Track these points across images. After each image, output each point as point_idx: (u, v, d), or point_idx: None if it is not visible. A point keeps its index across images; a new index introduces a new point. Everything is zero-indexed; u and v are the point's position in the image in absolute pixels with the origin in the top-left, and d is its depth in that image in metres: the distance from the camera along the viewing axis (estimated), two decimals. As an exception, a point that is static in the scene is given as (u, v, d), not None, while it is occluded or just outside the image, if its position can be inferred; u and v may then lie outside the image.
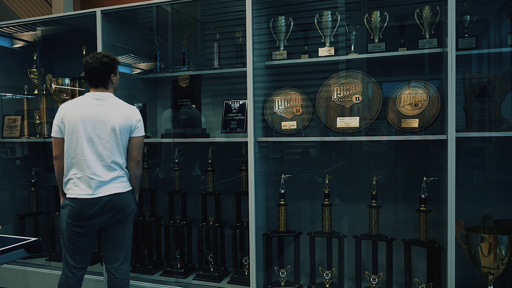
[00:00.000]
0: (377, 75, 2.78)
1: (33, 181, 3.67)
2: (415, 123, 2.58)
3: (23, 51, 3.93)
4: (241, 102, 3.05)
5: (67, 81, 3.44)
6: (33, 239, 2.18)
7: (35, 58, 3.65)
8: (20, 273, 3.38)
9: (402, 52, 2.63)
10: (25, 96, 3.74)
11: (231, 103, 3.08)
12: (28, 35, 3.80)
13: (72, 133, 2.35)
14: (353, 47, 2.79)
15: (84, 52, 3.44)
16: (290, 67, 3.08)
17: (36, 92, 3.66)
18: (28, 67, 3.68)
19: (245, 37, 2.78)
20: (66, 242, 2.39)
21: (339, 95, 2.78)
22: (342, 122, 2.73)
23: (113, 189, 2.35)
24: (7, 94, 3.98)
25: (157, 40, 3.42)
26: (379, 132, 2.81)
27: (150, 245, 3.28)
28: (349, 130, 2.71)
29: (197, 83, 3.20)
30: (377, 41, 2.74)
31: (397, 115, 2.66)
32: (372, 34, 2.75)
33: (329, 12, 2.83)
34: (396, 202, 3.04)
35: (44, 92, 3.62)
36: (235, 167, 3.22)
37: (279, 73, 3.15)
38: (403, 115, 2.64)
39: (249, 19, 2.71)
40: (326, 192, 2.79)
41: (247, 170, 2.80)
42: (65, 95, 3.41)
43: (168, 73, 3.36)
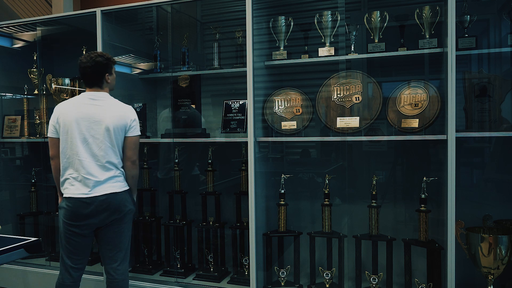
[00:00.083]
0: (377, 75, 2.78)
1: (33, 181, 3.67)
2: (415, 123, 2.58)
3: (23, 51, 3.93)
4: (241, 102, 3.05)
5: (67, 81, 3.44)
6: (33, 239, 2.18)
7: (35, 58, 3.65)
8: (20, 273, 3.38)
9: (402, 52, 2.63)
10: (25, 96, 3.74)
11: (231, 103, 3.08)
12: (28, 35, 3.80)
13: (67, 133, 2.35)
14: (353, 47, 2.79)
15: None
16: (290, 67, 3.08)
17: (36, 92, 3.66)
18: (28, 67, 3.68)
19: (245, 37, 2.78)
20: (63, 242, 2.39)
21: (339, 95, 2.78)
22: (342, 122, 2.73)
23: (108, 188, 2.35)
24: (7, 94, 3.98)
25: (157, 40, 3.42)
26: (379, 132, 2.81)
27: (150, 245, 3.28)
28: (349, 130, 2.71)
29: (197, 83, 3.20)
30: (377, 41, 2.74)
31: (397, 115, 2.66)
32: (372, 34, 2.75)
33: (329, 12, 2.83)
34: (396, 202, 3.04)
35: (44, 92, 3.62)
36: (235, 167, 3.22)
37: (279, 73, 3.15)
38: (403, 115, 2.64)
39: (249, 19, 2.71)
40: (326, 192, 2.79)
41: (247, 170, 2.80)
42: (65, 95, 3.41)
43: (168, 73, 3.36)
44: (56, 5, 4.86)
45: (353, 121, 2.71)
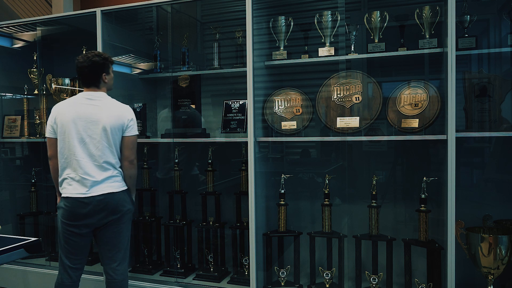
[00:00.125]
0: (377, 75, 2.78)
1: (33, 181, 3.67)
2: (415, 123, 2.58)
3: (23, 51, 3.93)
4: (241, 102, 3.05)
5: (67, 81, 3.44)
6: (33, 239, 2.18)
7: (35, 58, 3.65)
8: (20, 273, 3.38)
9: (402, 52, 2.63)
10: (25, 96, 3.74)
11: (231, 103, 3.08)
12: (28, 35, 3.80)
13: (64, 133, 2.35)
14: (353, 47, 2.79)
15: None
16: (290, 67, 3.08)
17: (36, 92, 3.66)
18: (28, 67, 3.68)
19: (245, 37, 2.78)
20: (62, 242, 2.39)
21: (339, 95, 2.78)
22: (342, 122, 2.73)
23: (106, 188, 2.34)
24: (7, 94, 3.98)
25: (157, 40, 3.42)
26: (379, 132, 2.81)
27: (150, 245, 3.28)
28: (349, 130, 2.71)
29: (197, 83, 3.20)
30: (377, 41, 2.74)
31: (397, 115, 2.66)
32: (372, 34, 2.75)
33: (329, 12, 2.83)
34: (396, 202, 3.04)
35: (44, 92, 3.62)
36: (235, 167, 3.22)
37: (279, 73, 3.15)
38: (403, 115, 2.64)
39: (249, 19, 2.71)
40: (326, 192, 2.79)
41: (247, 170, 2.80)
42: (65, 95, 3.41)
43: (168, 73, 3.36)
44: (56, 5, 4.86)
45: (353, 121, 2.71)
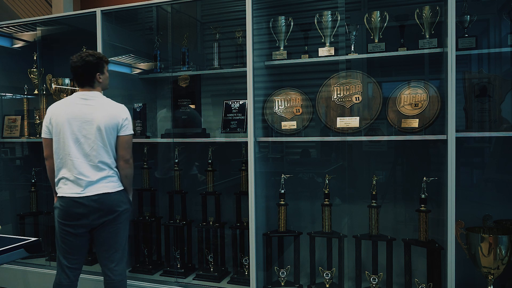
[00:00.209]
0: (377, 75, 2.78)
1: (33, 181, 3.67)
2: (415, 123, 2.58)
3: (23, 51, 3.93)
4: (241, 102, 3.05)
5: (67, 81, 3.44)
6: (33, 239, 2.18)
7: (35, 58, 3.65)
8: (20, 273, 3.38)
9: (402, 52, 2.63)
10: (25, 96, 3.74)
11: (231, 103, 3.08)
12: (28, 35, 3.80)
13: (59, 133, 2.35)
14: (353, 47, 2.79)
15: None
16: (290, 67, 3.08)
17: (36, 92, 3.66)
18: (28, 67, 3.68)
19: (245, 37, 2.78)
20: (59, 242, 2.39)
21: (339, 95, 2.78)
22: (342, 122, 2.73)
23: (101, 188, 2.33)
24: (7, 94, 3.97)
25: (157, 40, 3.42)
26: (379, 132, 2.81)
27: (150, 245, 3.28)
28: (349, 130, 2.71)
29: (197, 83, 3.20)
30: (377, 41, 2.73)
31: (397, 115, 2.66)
32: (372, 34, 2.75)
33: (329, 12, 2.83)
34: (396, 202, 3.04)
35: (44, 92, 3.62)
36: (235, 167, 3.22)
37: (279, 73, 3.15)
38: (403, 115, 2.64)
39: (249, 19, 2.71)
40: (326, 192, 2.79)
41: (247, 170, 2.80)
42: (65, 95, 3.40)
43: (168, 73, 3.36)
44: (56, 5, 4.86)
45: (353, 121, 2.71)
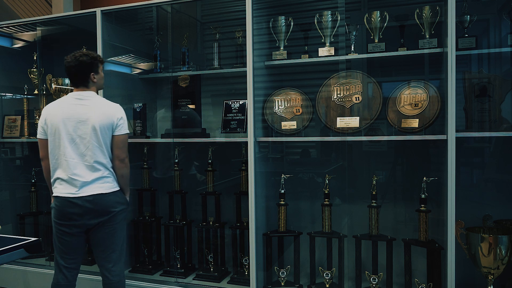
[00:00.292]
0: (377, 75, 2.78)
1: (33, 181, 3.67)
2: (415, 123, 2.58)
3: (23, 51, 3.93)
4: (241, 102, 3.05)
5: (67, 81, 3.44)
6: (33, 239, 2.19)
7: (35, 58, 3.65)
8: (20, 273, 3.38)
9: (402, 52, 2.63)
10: (25, 96, 3.74)
11: (231, 103, 3.08)
12: (28, 35, 3.80)
13: (54, 134, 2.35)
14: (353, 47, 2.79)
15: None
16: (290, 67, 3.08)
17: (36, 92, 3.66)
18: (28, 67, 3.67)
19: (245, 37, 2.78)
20: (56, 242, 2.39)
21: (339, 95, 2.78)
22: (342, 122, 2.73)
23: (96, 189, 2.32)
24: (7, 94, 3.97)
25: (157, 40, 3.42)
26: (379, 132, 2.81)
27: (150, 245, 3.28)
28: (349, 130, 2.71)
29: (197, 83, 3.20)
30: (377, 41, 2.73)
31: (397, 115, 2.66)
32: (372, 34, 2.75)
33: (329, 12, 2.83)
34: (396, 202, 3.04)
35: (44, 92, 3.62)
36: (235, 167, 3.22)
37: (279, 73, 3.15)
38: (403, 115, 2.64)
39: (249, 19, 2.71)
40: (326, 192, 2.79)
41: (247, 170, 2.80)
42: (64, 95, 3.39)
43: (168, 73, 3.36)
44: (56, 5, 4.86)
45: (353, 121, 2.71)
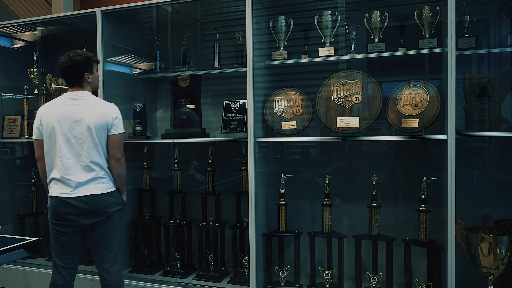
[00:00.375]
0: (377, 75, 2.78)
1: (33, 181, 3.67)
2: (415, 123, 2.58)
3: (23, 51, 3.93)
4: (241, 102, 3.05)
5: (67, 81, 3.44)
6: (33, 239, 2.19)
7: (35, 58, 3.65)
8: (20, 273, 3.38)
9: (402, 52, 2.63)
10: (25, 96, 3.74)
11: (231, 103, 3.08)
12: (28, 35, 3.80)
13: (49, 134, 2.34)
14: (353, 47, 2.79)
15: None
16: (290, 67, 3.08)
17: (36, 92, 3.66)
18: (28, 67, 3.67)
19: (245, 37, 2.78)
20: (52, 242, 2.39)
21: (339, 95, 2.78)
22: (342, 122, 2.73)
23: (91, 190, 2.32)
24: (7, 94, 3.97)
25: (157, 40, 3.42)
26: (379, 132, 2.81)
27: (150, 245, 3.28)
28: (349, 130, 2.71)
29: (197, 83, 3.20)
30: (377, 41, 2.73)
31: (397, 115, 2.66)
32: (372, 34, 2.75)
33: (329, 12, 2.83)
34: (396, 202, 3.04)
35: (44, 92, 3.62)
36: (235, 167, 3.22)
37: (279, 73, 3.15)
38: (403, 115, 2.64)
39: (249, 19, 2.71)
40: (326, 192, 2.79)
41: (247, 170, 2.80)
42: (65, 95, 3.40)
43: (168, 73, 3.36)
44: (56, 5, 4.86)
45: (353, 121, 2.71)
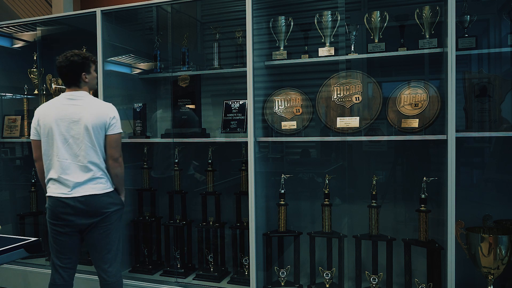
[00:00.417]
0: (377, 75, 2.78)
1: (33, 181, 3.67)
2: (415, 123, 2.58)
3: (23, 51, 3.93)
4: (241, 102, 3.05)
5: (67, 81, 3.44)
6: (33, 239, 2.18)
7: (35, 58, 3.65)
8: (20, 273, 3.38)
9: (402, 52, 2.63)
10: (25, 96, 3.74)
11: (231, 103, 3.08)
12: (28, 35, 3.80)
13: (47, 135, 2.34)
14: (353, 47, 2.79)
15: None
16: (290, 67, 3.08)
17: (36, 92, 3.66)
18: (28, 67, 3.67)
19: (245, 37, 2.78)
20: (51, 242, 2.39)
21: (339, 95, 2.78)
22: (342, 122, 2.73)
23: (89, 190, 2.31)
24: (7, 94, 3.98)
25: (157, 40, 3.42)
26: (379, 132, 2.81)
27: (150, 245, 3.28)
28: (349, 130, 2.71)
29: (197, 83, 3.20)
30: (377, 41, 2.73)
31: (397, 115, 2.66)
32: (372, 34, 2.75)
33: (329, 12, 2.83)
34: (396, 202, 3.04)
35: (44, 92, 3.62)
36: (235, 167, 3.22)
37: (279, 73, 3.15)
38: (403, 115, 2.64)
39: (249, 19, 2.71)
40: (326, 192, 2.79)
41: (247, 170, 2.80)
42: (65, 95, 3.40)
43: (168, 73, 3.36)
44: (56, 5, 4.86)
45: (353, 121, 2.71)
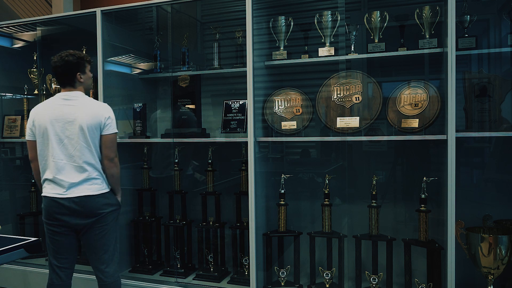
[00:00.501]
0: (377, 75, 2.78)
1: (33, 181, 3.66)
2: (415, 123, 2.58)
3: (23, 51, 3.93)
4: (241, 102, 3.05)
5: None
6: (33, 239, 2.18)
7: (35, 58, 3.65)
8: (20, 273, 3.38)
9: (402, 52, 2.63)
10: (25, 96, 3.74)
11: (231, 103, 3.08)
12: (28, 35, 3.80)
13: (42, 135, 2.34)
14: (353, 47, 2.79)
15: (84, 52, 3.44)
16: (290, 67, 3.08)
17: (36, 92, 3.66)
18: (28, 67, 3.67)
19: (245, 37, 2.78)
20: (48, 242, 2.40)
21: (339, 95, 2.78)
22: (342, 122, 2.73)
23: (84, 191, 2.31)
24: (7, 94, 3.98)
25: (157, 40, 3.42)
26: (379, 132, 2.81)
27: (150, 245, 3.28)
28: (349, 130, 2.71)
29: (197, 83, 3.20)
30: (377, 41, 2.73)
31: (397, 115, 2.66)
32: (372, 34, 2.75)
33: (329, 12, 2.83)
34: (396, 202, 3.04)
35: (44, 92, 3.62)
36: (235, 167, 3.22)
37: (279, 73, 3.15)
38: (403, 115, 2.64)
39: (249, 19, 2.71)
40: (326, 192, 2.79)
41: (247, 170, 2.80)
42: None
43: (168, 73, 3.36)
44: (56, 5, 4.86)
45: (353, 121, 2.71)
